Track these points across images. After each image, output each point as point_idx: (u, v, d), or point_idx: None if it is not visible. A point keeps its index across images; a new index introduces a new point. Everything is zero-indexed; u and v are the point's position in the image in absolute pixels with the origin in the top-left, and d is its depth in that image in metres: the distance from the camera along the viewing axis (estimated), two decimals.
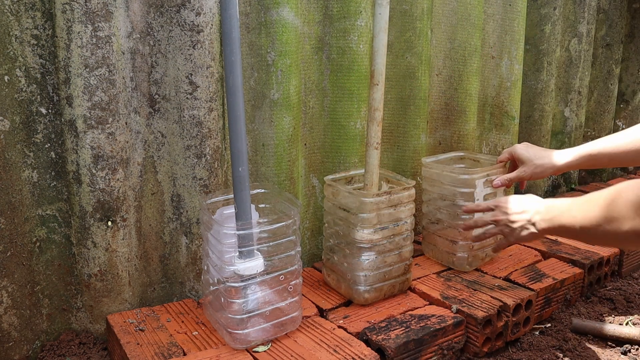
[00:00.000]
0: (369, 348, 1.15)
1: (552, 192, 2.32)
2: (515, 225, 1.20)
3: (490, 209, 1.32)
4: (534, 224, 1.14)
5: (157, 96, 1.28)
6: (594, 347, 1.35)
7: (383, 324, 1.24)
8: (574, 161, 1.34)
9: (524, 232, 1.18)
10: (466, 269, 1.51)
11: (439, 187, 1.51)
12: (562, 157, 1.36)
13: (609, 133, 2.46)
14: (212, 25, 1.25)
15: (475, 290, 1.39)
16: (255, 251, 1.14)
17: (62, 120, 1.18)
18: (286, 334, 1.19)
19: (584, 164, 1.34)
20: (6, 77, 1.14)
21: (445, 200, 1.50)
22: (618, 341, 1.36)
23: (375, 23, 1.27)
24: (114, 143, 1.20)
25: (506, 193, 1.55)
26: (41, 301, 1.26)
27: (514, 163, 1.49)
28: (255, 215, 1.20)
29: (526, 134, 2.14)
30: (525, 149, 1.43)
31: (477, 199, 1.47)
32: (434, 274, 1.50)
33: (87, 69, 1.15)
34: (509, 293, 1.36)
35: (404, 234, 1.35)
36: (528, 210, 1.17)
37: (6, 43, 1.13)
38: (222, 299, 1.15)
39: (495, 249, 1.41)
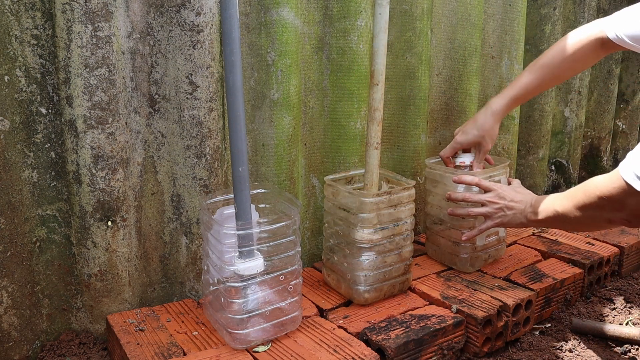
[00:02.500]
0: (369, 348, 1.15)
1: (552, 191, 2.32)
2: (509, 212, 1.33)
3: (490, 190, 1.38)
4: (525, 215, 1.29)
5: (157, 96, 1.28)
6: (594, 347, 1.35)
7: (383, 324, 1.24)
8: (508, 106, 1.48)
9: (515, 220, 1.32)
10: (469, 270, 1.51)
11: (442, 187, 1.51)
12: (497, 111, 1.47)
13: (609, 133, 2.47)
14: (212, 25, 1.25)
15: (475, 290, 1.39)
16: (255, 251, 1.14)
17: (62, 120, 1.18)
18: (286, 334, 1.19)
19: (516, 104, 1.50)
20: (6, 77, 1.14)
21: (448, 201, 1.50)
22: (618, 341, 1.36)
23: (375, 23, 1.27)
24: (114, 143, 1.20)
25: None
26: (41, 301, 1.26)
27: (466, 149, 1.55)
28: (255, 215, 1.20)
29: (526, 134, 2.14)
30: (465, 134, 1.50)
31: None
32: (434, 274, 1.50)
33: (87, 69, 1.15)
34: (509, 293, 1.36)
35: (404, 234, 1.35)
36: (524, 201, 1.31)
37: (6, 43, 1.13)
38: (222, 299, 1.15)
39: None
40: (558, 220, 1.19)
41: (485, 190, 1.38)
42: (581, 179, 2.47)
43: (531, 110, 2.12)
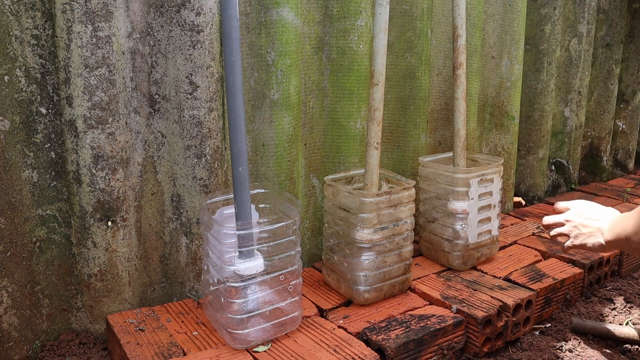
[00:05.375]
0: (369, 348, 1.15)
1: (552, 191, 2.32)
2: (585, 230, 1.16)
3: (567, 209, 1.24)
4: (602, 233, 1.11)
5: (157, 96, 1.28)
6: (594, 347, 1.35)
7: (383, 324, 1.24)
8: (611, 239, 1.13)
9: (591, 240, 1.14)
10: (461, 267, 1.51)
11: (435, 186, 1.52)
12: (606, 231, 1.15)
13: (609, 133, 2.47)
14: (212, 25, 1.25)
15: (475, 290, 1.39)
16: (255, 251, 1.14)
17: (62, 120, 1.18)
18: (286, 334, 1.19)
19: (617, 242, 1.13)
20: (6, 77, 1.14)
21: (441, 199, 1.51)
22: (618, 341, 1.36)
23: (375, 23, 1.27)
24: (114, 143, 1.20)
25: None
26: (41, 301, 1.26)
27: None
28: (255, 215, 1.20)
29: (526, 134, 2.14)
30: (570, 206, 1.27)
31: (472, 198, 1.47)
32: (434, 274, 1.50)
33: (87, 69, 1.15)
34: (509, 293, 1.36)
35: (404, 234, 1.35)
36: (602, 218, 1.13)
37: (6, 43, 1.13)
38: (222, 299, 1.15)
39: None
40: (626, 241, 1.00)
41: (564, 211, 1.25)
42: (581, 179, 2.48)
43: (531, 110, 2.12)
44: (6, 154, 1.16)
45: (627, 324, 1.44)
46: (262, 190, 1.32)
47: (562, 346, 1.33)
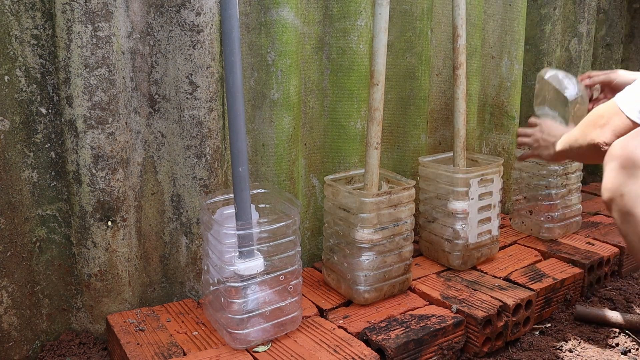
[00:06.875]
0: (369, 348, 1.15)
1: None
2: (543, 144, 1.43)
3: (536, 125, 1.50)
4: (554, 145, 1.37)
5: (157, 96, 1.28)
6: (593, 347, 1.35)
7: (383, 324, 1.24)
8: None
9: (545, 151, 1.43)
10: (461, 267, 1.51)
11: (435, 186, 1.52)
12: None
13: None
14: (212, 25, 1.25)
15: (475, 290, 1.39)
16: (255, 251, 1.14)
17: (62, 120, 1.18)
18: (286, 334, 1.19)
19: None
20: (6, 77, 1.14)
21: (441, 199, 1.51)
22: (622, 327, 1.38)
23: (375, 23, 1.27)
24: (114, 143, 1.20)
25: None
26: (41, 301, 1.26)
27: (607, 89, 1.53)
28: (255, 215, 1.20)
29: None
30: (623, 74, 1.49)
31: (472, 198, 1.47)
32: (434, 273, 1.50)
33: (87, 69, 1.15)
34: (509, 293, 1.36)
35: (404, 234, 1.35)
36: (557, 135, 1.38)
37: (6, 43, 1.13)
38: (222, 299, 1.15)
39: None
40: (567, 147, 1.26)
41: (535, 126, 1.50)
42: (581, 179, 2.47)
43: (531, 111, 2.12)
44: (6, 154, 1.16)
45: None
46: (262, 190, 1.32)
47: (562, 346, 1.33)
